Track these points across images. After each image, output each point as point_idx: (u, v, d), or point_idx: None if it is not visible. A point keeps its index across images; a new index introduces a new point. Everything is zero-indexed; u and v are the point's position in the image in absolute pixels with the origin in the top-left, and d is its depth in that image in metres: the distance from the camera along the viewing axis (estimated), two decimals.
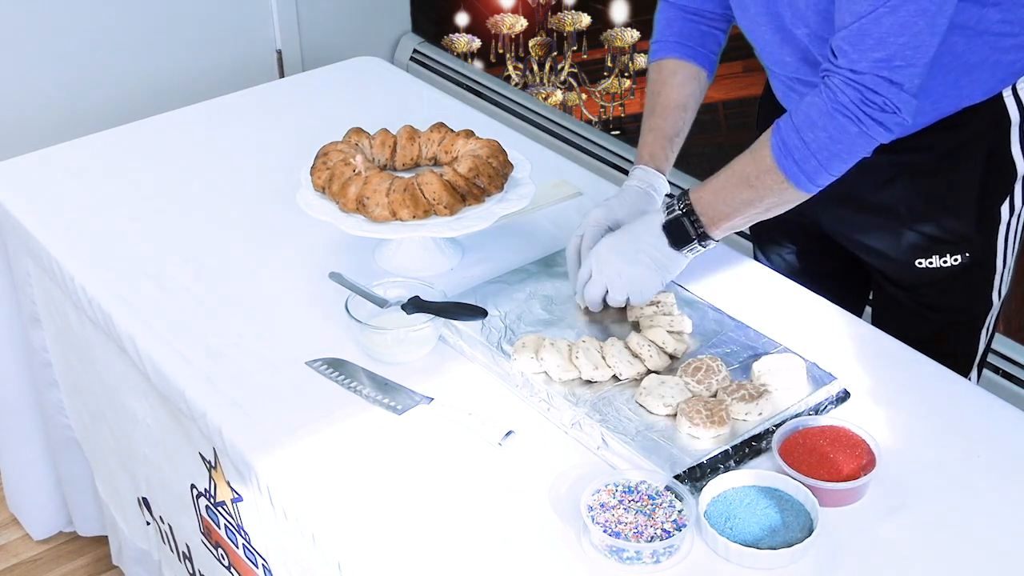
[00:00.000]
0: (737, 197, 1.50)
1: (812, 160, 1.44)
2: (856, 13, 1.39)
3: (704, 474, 1.36)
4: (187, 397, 1.54)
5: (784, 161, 1.46)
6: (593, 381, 1.49)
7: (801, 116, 1.45)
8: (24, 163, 2.09)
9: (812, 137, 1.44)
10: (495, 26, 4.41)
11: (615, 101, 4.55)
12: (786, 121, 1.46)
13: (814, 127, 1.44)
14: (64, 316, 1.90)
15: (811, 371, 1.50)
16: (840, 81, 1.42)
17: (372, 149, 1.81)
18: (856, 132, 1.42)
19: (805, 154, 1.45)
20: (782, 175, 1.46)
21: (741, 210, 1.51)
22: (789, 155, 1.45)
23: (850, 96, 1.41)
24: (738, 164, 1.51)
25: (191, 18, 3.03)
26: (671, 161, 1.71)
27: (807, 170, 1.45)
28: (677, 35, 1.73)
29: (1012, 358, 2.30)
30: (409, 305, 1.59)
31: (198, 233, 1.87)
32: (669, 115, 1.70)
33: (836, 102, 1.42)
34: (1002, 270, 1.70)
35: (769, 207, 1.51)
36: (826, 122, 1.43)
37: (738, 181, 1.50)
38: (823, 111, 1.43)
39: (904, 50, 1.38)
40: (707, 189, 1.52)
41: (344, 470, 1.42)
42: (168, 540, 1.87)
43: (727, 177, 1.52)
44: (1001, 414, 1.49)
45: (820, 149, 1.44)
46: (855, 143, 1.44)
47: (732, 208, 1.51)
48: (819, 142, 1.44)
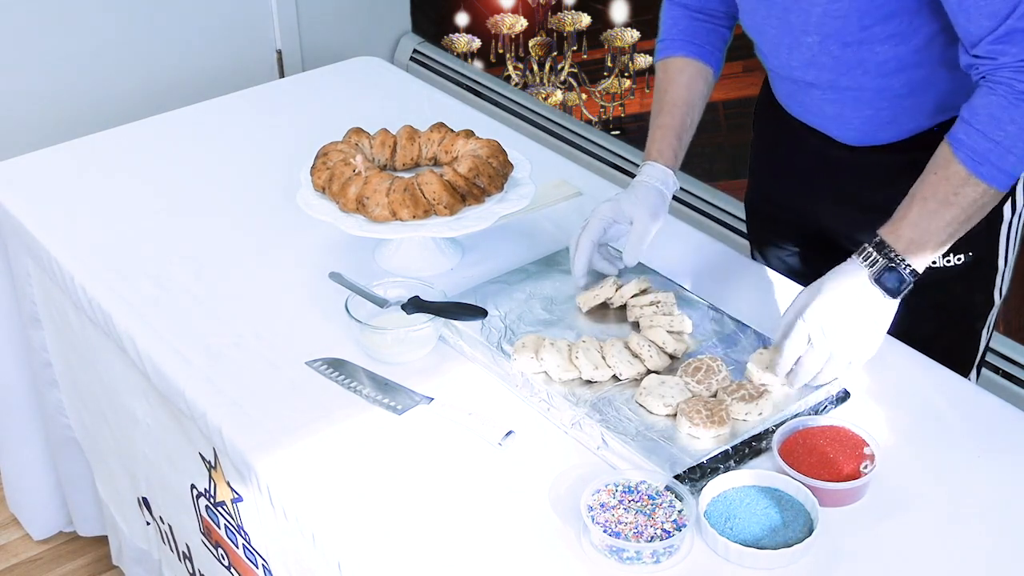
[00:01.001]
0: (939, 221, 1.45)
1: (1009, 156, 1.42)
2: (998, 15, 1.38)
3: (704, 474, 1.36)
4: (187, 397, 1.54)
5: (981, 168, 1.42)
6: (593, 381, 1.49)
7: (983, 119, 1.42)
8: (24, 163, 2.09)
9: (1003, 135, 1.41)
10: (495, 26, 4.41)
11: (615, 101, 4.55)
12: (967, 130, 1.43)
13: (1001, 123, 1.41)
14: (64, 316, 1.90)
15: None
16: (1012, 72, 1.40)
17: (372, 149, 1.81)
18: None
19: (1000, 153, 1.42)
20: (981, 183, 1.43)
21: (946, 231, 1.45)
22: (985, 160, 1.42)
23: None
24: (926, 190, 1.45)
25: (191, 18, 3.03)
26: (680, 158, 1.71)
27: (1006, 167, 1.42)
28: (682, 33, 1.73)
29: (1012, 358, 2.30)
30: (409, 305, 1.59)
31: (198, 233, 1.87)
32: (677, 112, 1.70)
33: (1018, 92, 1.40)
34: (1003, 269, 1.70)
35: (970, 217, 1.46)
36: (1013, 115, 1.41)
37: (935, 205, 1.45)
38: (1005, 105, 1.41)
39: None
40: (902, 225, 1.46)
41: (344, 470, 1.42)
42: (168, 540, 1.87)
43: (920, 205, 1.45)
44: (1001, 414, 1.49)
45: (1014, 143, 1.41)
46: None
47: (936, 233, 1.45)
48: (1012, 137, 1.41)
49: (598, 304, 1.62)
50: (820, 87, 1.61)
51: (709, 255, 1.80)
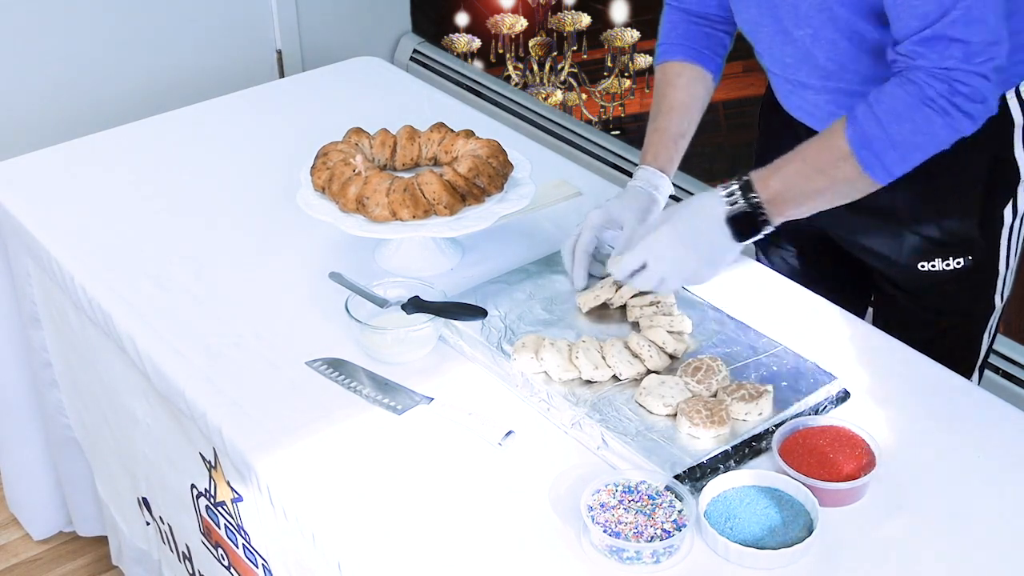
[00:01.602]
0: (808, 185, 1.47)
1: (892, 152, 1.43)
2: (926, 18, 1.38)
3: (704, 474, 1.36)
4: (187, 397, 1.54)
5: (862, 152, 1.43)
6: (593, 381, 1.49)
7: (884, 107, 1.43)
8: (24, 163, 2.09)
9: (896, 129, 1.42)
10: (495, 26, 4.41)
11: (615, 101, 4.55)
12: (865, 112, 1.44)
13: (899, 119, 1.42)
14: (64, 316, 1.90)
15: (811, 371, 1.50)
16: (926, 76, 1.41)
17: (372, 149, 1.81)
18: (942, 124, 1.41)
19: (886, 145, 1.43)
20: (858, 165, 1.44)
21: (810, 198, 1.48)
22: (868, 146, 1.43)
23: (939, 90, 1.40)
24: (808, 152, 1.48)
25: (191, 18, 3.03)
26: (676, 162, 1.71)
27: (886, 161, 1.43)
28: (682, 38, 1.73)
29: (1012, 358, 2.30)
30: (409, 305, 1.59)
31: (198, 233, 1.87)
32: (674, 116, 1.70)
33: (925, 96, 1.40)
34: (1004, 273, 1.70)
35: (837, 196, 1.49)
36: (913, 114, 1.41)
37: (810, 170, 1.47)
38: (909, 104, 1.41)
39: (982, 45, 1.38)
40: (775, 177, 1.48)
41: (344, 470, 1.42)
42: (168, 540, 1.87)
43: (797, 165, 1.48)
44: (1001, 414, 1.49)
45: (903, 141, 1.42)
46: (938, 135, 1.42)
47: (801, 195, 1.48)
48: (903, 134, 1.42)
49: (598, 304, 1.62)
50: (814, 87, 1.61)
51: None
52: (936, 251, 1.66)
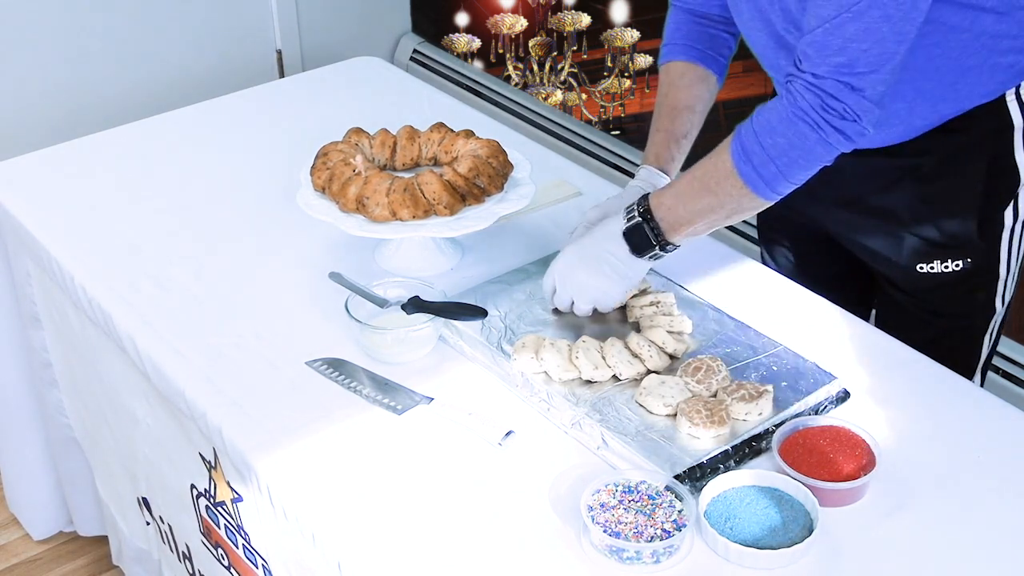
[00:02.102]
0: (698, 203, 1.48)
1: (771, 166, 1.42)
2: (821, 18, 1.37)
3: (704, 474, 1.36)
4: (187, 397, 1.54)
5: (743, 166, 1.44)
6: (593, 381, 1.49)
7: (761, 121, 1.43)
8: (24, 163, 2.09)
9: (771, 143, 1.42)
10: (495, 26, 4.41)
11: (615, 101, 4.55)
12: (746, 126, 1.45)
13: (773, 132, 1.42)
14: (64, 316, 1.90)
15: (811, 371, 1.50)
16: (801, 86, 1.40)
17: (372, 149, 1.81)
18: (816, 139, 1.40)
19: (763, 159, 1.42)
20: (741, 180, 1.44)
21: (702, 216, 1.49)
22: (748, 160, 1.43)
23: (810, 102, 1.39)
24: (699, 169, 1.49)
25: (191, 18, 3.03)
26: (678, 162, 1.71)
27: (765, 176, 1.43)
28: (686, 38, 1.73)
29: (1013, 359, 2.30)
30: (409, 305, 1.59)
31: (198, 233, 1.87)
32: (676, 116, 1.70)
33: (796, 107, 1.40)
34: (1005, 276, 1.69)
35: (729, 214, 1.48)
36: (785, 128, 1.41)
37: (699, 187, 1.48)
38: (783, 117, 1.41)
39: (867, 56, 1.36)
40: (667, 194, 1.51)
41: (344, 470, 1.42)
42: (168, 540, 1.87)
43: (688, 182, 1.49)
44: (1002, 414, 1.49)
45: (779, 155, 1.42)
46: (814, 150, 1.41)
47: (693, 214, 1.49)
48: (778, 148, 1.42)
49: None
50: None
51: (709, 255, 1.80)
52: (935, 253, 1.66)
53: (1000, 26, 1.50)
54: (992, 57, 1.53)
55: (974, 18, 1.48)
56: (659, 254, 1.53)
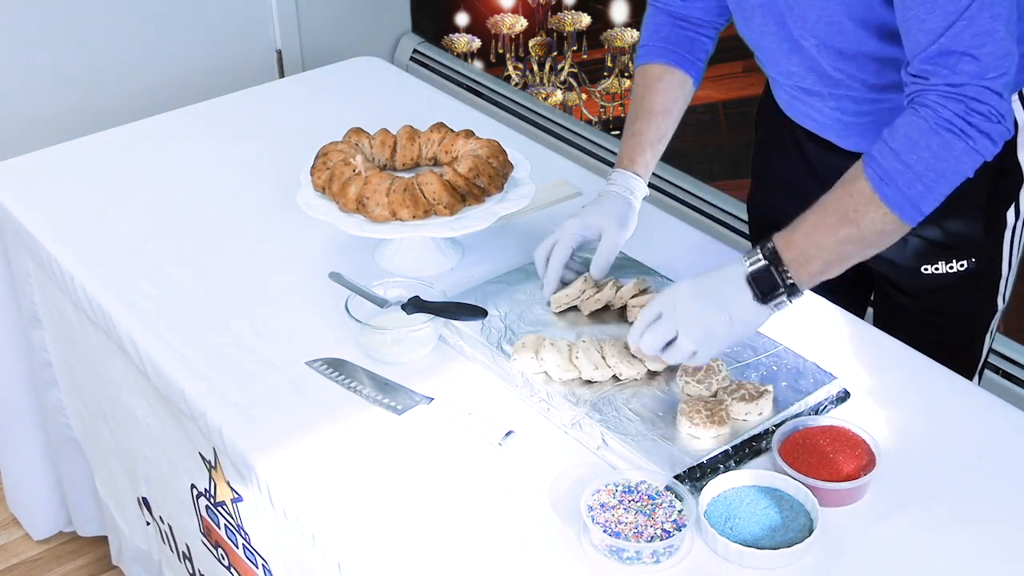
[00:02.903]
0: (834, 236, 1.39)
1: (918, 184, 1.35)
2: (933, 32, 1.34)
3: (704, 474, 1.36)
4: (187, 397, 1.54)
5: (886, 189, 1.36)
6: (593, 381, 1.49)
7: (899, 139, 1.37)
8: (24, 163, 2.09)
9: (915, 159, 1.35)
10: (495, 26, 4.41)
11: (615, 101, 4.54)
12: (881, 148, 1.37)
13: (916, 147, 1.35)
14: (64, 316, 1.90)
15: (811, 371, 1.50)
16: (939, 97, 1.35)
17: (372, 149, 1.81)
18: (963, 148, 1.35)
19: (909, 178, 1.35)
20: (884, 205, 1.36)
21: (838, 250, 1.39)
22: (892, 182, 1.36)
23: (953, 110, 1.34)
24: (830, 202, 1.40)
25: (191, 18, 3.03)
26: (651, 167, 1.69)
27: (912, 195, 1.36)
28: (664, 40, 1.71)
29: (1013, 358, 2.30)
30: (409, 305, 1.59)
31: (198, 233, 1.87)
32: (652, 120, 1.68)
33: (939, 118, 1.35)
34: (1007, 274, 1.69)
35: (869, 244, 1.40)
36: (930, 140, 1.35)
37: (834, 220, 1.39)
38: (925, 130, 1.35)
39: (993, 58, 1.33)
40: (796, 233, 1.41)
41: (344, 470, 1.42)
42: (168, 540, 1.87)
43: (819, 216, 1.40)
44: (1001, 414, 1.49)
45: (926, 171, 1.35)
46: (961, 160, 1.36)
47: (828, 250, 1.39)
48: (924, 163, 1.35)
49: (569, 306, 1.62)
50: (819, 94, 1.60)
51: (709, 255, 1.80)
52: (940, 254, 1.65)
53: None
54: None
55: None
56: (785, 302, 1.42)
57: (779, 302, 1.42)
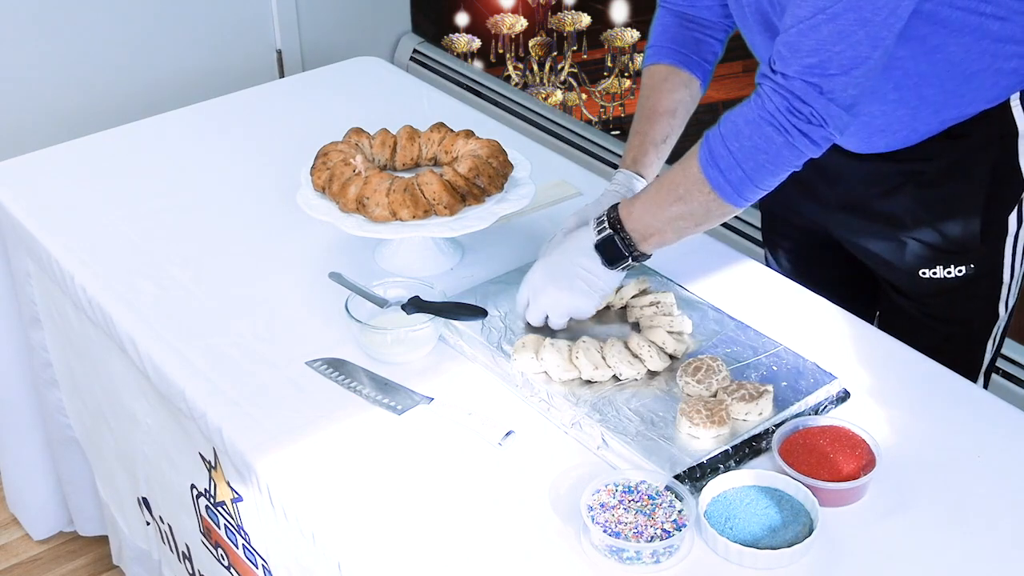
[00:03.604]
0: (667, 211, 1.46)
1: (737, 170, 1.40)
2: (797, 17, 1.35)
3: (704, 474, 1.36)
4: (187, 397, 1.54)
5: (711, 172, 1.41)
6: (593, 381, 1.49)
7: (728, 124, 1.41)
8: (24, 163, 2.09)
9: (738, 146, 1.40)
10: (495, 26, 4.41)
11: (615, 101, 4.54)
12: (714, 131, 1.43)
13: (740, 135, 1.40)
14: (64, 316, 1.90)
15: (811, 371, 1.50)
16: (769, 88, 1.39)
17: (372, 149, 1.81)
18: (782, 143, 1.38)
19: (730, 163, 1.40)
20: (709, 186, 1.42)
21: (672, 224, 1.47)
22: (715, 164, 1.41)
23: (777, 104, 1.37)
24: (667, 176, 1.47)
25: (191, 18, 3.03)
26: (656, 167, 1.69)
27: (732, 180, 1.41)
28: (672, 41, 1.71)
29: (1013, 359, 2.30)
30: (409, 305, 1.59)
31: (198, 233, 1.87)
32: (657, 120, 1.68)
33: (763, 109, 1.38)
34: (1009, 282, 1.68)
35: (699, 221, 1.47)
36: (752, 131, 1.39)
37: (667, 195, 1.46)
38: (749, 119, 1.40)
39: (839, 58, 1.34)
40: (636, 204, 1.49)
41: (344, 470, 1.42)
42: (168, 540, 1.87)
43: (656, 190, 1.48)
44: (1002, 414, 1.49)
45: (745, 159, 1.40)
46: (780, 154, 1.39)
47: (663, 222, 1.47)
48: (744, 151, 1.39)
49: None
50: None
51: (709, 255, 1.80)
52: (938, 258, 1.65)
53: (1003, 31, 1.49)
54: (996, 62, 1.52)
55: (977, 23, 1.47)
56: (632, 264, 1.52)
57: (627, 265, 1.52)
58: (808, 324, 1.64)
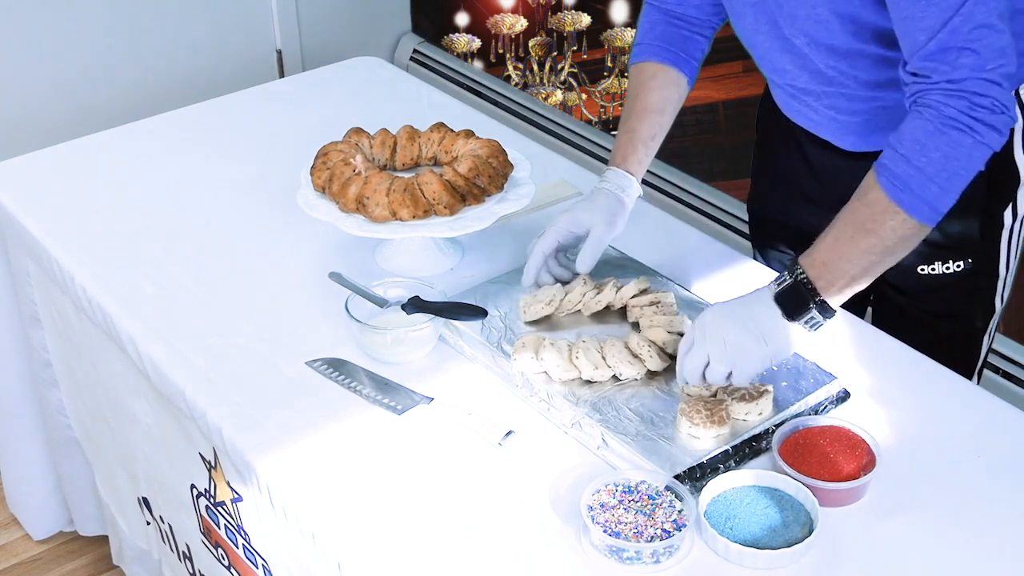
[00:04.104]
0: (855, 248, 1.39)
1: (932, 185, 1.35)
2: (930, 29, 1.34)
3: (704, 474, 1.36)
4: (187, 397, 1.54)
5: (902, 195, 1.36)
6: (593, 381, 1.49)
7: (908, 143, 1.37)
8: (24, 163, 2.09)
9: (926, 161, 1.35)
10: (495, 26, 4.41)
11: (615, 101, 4.54)
12: (890, 155, 1.37)
13: (926, 149, 1.36)
14: (64, 316, 1.90)
15: (811, 371, 1.50)
16: (941, 95, 1.35)
17: (372, 149, 1.81)
18: (971, 143, 1.35)
19: (922, 181, 1.35)
20: (902, 211, 1.36)
21: (862, 262, 1.39)
22: (906, 187, 1.36)
23: (957, 106, 1.34)
24: (847, 215, 1.40)
25: (191, 18, 3.03)
26: (645, 165, 1.69)
27: (928, 197, 1.36)
28: (659, 39, 1.71)
29: (1012, 358, 2.30)
30: (409, 305, 1.59)
31: (198, 233, 1.87)
32: (645, 118, 1.68)
33: (944, 117, 1.35)
34: (1005, 275, 1.69)
35: (892, 251, 1.39)
36: (938, 141, 1.35)
37: (853, 231, 1.39)
38: (931, 131, 1.35)
39: (991, 51, 1.33)
40: (817, 250, 1.41)
41: (344, 470, 1.42)
42: (168, 540, 1.87)
43: (838, 231, 1.40)
44: (1001, 414, 1.49)
45: (938, 172, 1.35)
46: (971, 155, 1.35)
47: (851, 262, 1.39)
48: (935, 164, 1.35)
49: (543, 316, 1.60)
50: (814, 93, 1.60)
51: (709, 255, 1.80)
52: (936, 254, 1.65)
53: None
54: None
55: None
56: (817, 318, 1.41)
57: (811, 319, 1.41)
58: None
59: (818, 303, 1.40)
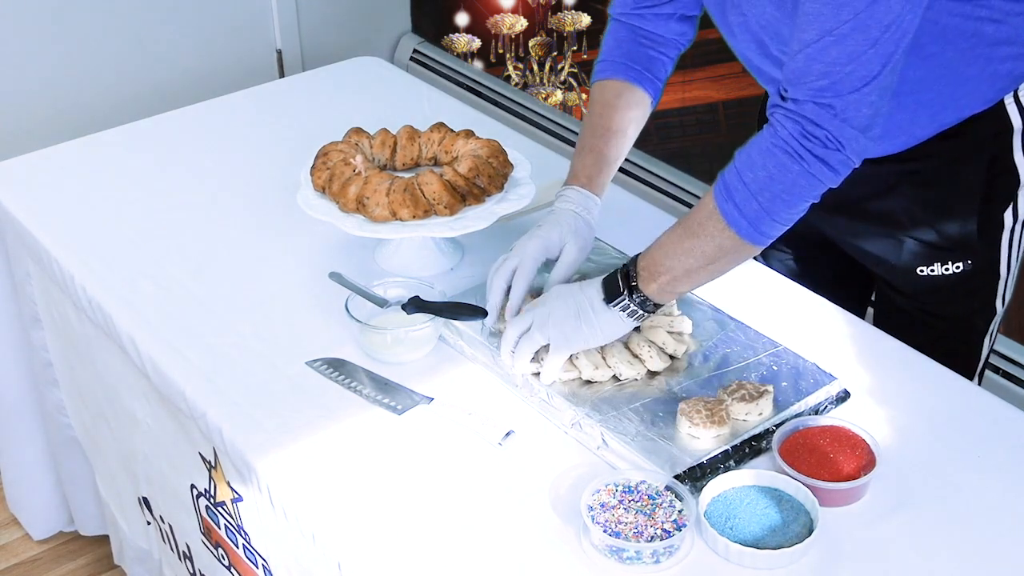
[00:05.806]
0: (679, 247, 1.39)
1: (753, 202, 1.34)
2: (803, 42, 1.31)
3: (704, 474, 1.36)
4: (187, 397, 1.54)
5: (725, 205, 1.36)
6: (593, 381, 1.49)
7: (742, 156, 1.37)
8: (24, 163, 2.09)
9: (752, 177, 1.34)
10: (495, 26, 4.41)
11: None
12: (731, 163, 1.37)
13: (754, 166, 1.35)
14: (64, 316, 1.90)
15: (811, 371, 1.50)
16: (781, 115, 1.34)
17: (372, 149, 1.81)
18: (798, 171, 1.32)
19: (745, 195, 1.34)
20: (723, 220, 1.36)
21: (684, 261, 1.40)
22: (730, 198, 1.35)
23: (790, 130, 1.32)
24: (688, 214, 1.41)
25: (191, 18, 3.03)
26: (605, 185, 1.65)
27: (748, 214, 1.35)
28: (625, 57, 1.67)
29: (1012, 358, 2.30)
30: (409, 305, 1.59)
31: (198, 233, 1.87)
32: (611, 139, 1.64)
33: (776, 137, 1.33)
34: (1006, 276, 1.69)
35: (712, 259, 1.39)
36: (766, 160, 1.34)
37: (683, 231, 1.40)
38: (763, 149, 1.34)
39: (849, 78, 1.29)
40: (656, 242, 1.43)
41: (344, 470, 1.42)
42: (168, 540, 1.87)
43: (674, 228, 1.41)
44: (1001, 414, 1.49)
45: (761, 190, 1.34)
46: (796, 183, 1.33)
47: (675, 260, 1.40)
48: (759, 182, 1.34)
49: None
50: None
51: None
52: (935, 256, 1.65)
53: (997, 33, 1.49)
54: (991, 65, 1.52)
55: (973, 28, 1.47)
56: (634, 309, 1.44)
57: (626, 307, 1.44)
58: (808, 324, 1.64)
59: (633, 292, 1.43)
